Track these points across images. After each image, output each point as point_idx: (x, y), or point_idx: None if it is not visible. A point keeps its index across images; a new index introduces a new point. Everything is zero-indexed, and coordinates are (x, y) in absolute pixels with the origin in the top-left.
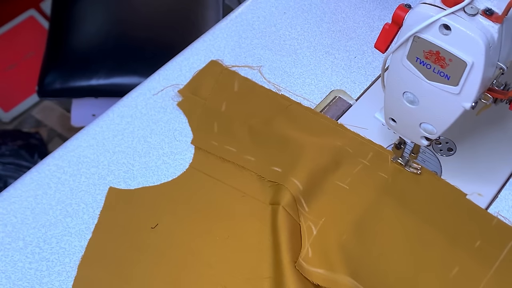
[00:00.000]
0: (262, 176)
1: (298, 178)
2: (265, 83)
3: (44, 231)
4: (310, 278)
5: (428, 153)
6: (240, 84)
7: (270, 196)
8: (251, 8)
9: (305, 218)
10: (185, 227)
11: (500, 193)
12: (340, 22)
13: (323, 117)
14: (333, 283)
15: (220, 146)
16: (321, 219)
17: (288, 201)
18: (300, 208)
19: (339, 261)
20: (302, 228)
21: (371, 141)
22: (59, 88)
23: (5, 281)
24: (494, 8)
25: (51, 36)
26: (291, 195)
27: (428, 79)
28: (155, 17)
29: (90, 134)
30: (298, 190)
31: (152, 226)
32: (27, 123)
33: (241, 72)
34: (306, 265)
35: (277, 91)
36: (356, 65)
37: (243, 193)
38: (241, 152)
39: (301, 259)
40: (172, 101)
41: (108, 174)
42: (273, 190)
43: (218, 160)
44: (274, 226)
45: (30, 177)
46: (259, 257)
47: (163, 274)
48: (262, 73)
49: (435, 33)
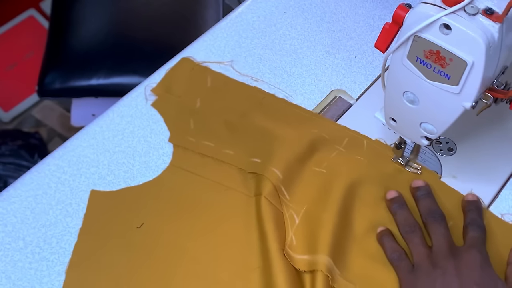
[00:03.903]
0: (242, 168)
1: (277, 167)
2: (238, 77)
3: (44, 231)
4: (296, 265)
5: (428, 153)
6: (212, 80)
7: (253, 188)
8: (251, 7)
9: (287, 207)
10: (171, 224)
11: (500, 193)
12: (340, 22)
13: (298, 107)
14: (314, 264)
15: (198, 142)
16: (302, 207)
17: (269, 191)
18: (281, 197)
19: (321, 244)
20: (285, 217)
21: (346, 127)
22: (59, 88)
23: (5, 281)
24: (494, 8)
25: (51, 36)
26: (272, 185)
27: (428, 79)
28: (155, 17)
29: (90, 134)
30: (279, 179)
31: (138, 225)
32: (27, 122)
33: (213, 67)
34: (292, 253)
35: (253, 81)
36: (356, 65)
37: (225, 187)
38: (219, 147)
39: (287, 247)
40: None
41: (108, 174)
42: (255, 181)
43: (197, 156)
44: (259, 217)
45: (30, 177)
46: (246, 248)
47: (152, 273)
48: (234, 67)
49: (436, 33)
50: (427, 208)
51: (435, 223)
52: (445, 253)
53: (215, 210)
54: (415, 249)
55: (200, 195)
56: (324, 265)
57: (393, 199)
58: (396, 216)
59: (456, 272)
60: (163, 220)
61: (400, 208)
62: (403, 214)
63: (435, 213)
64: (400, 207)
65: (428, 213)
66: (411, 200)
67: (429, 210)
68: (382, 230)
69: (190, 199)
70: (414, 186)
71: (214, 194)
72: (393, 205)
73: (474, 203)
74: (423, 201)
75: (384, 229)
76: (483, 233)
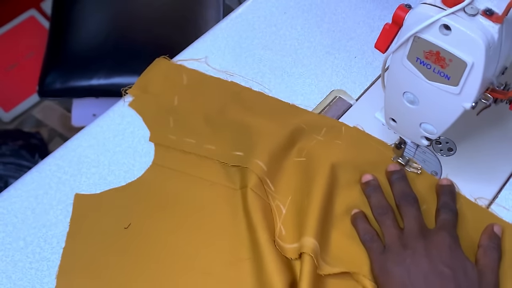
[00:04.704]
0: (225, 162)
1: (261, 159)
2: (214, 72)
3: (44, 231)
4: (287, 255)
5: (428, 153)
6: (188, 77)
7: (237, 180)
8: (251, 8)
9: (273, 198)
10: (158, 222)
11: (500, 193)
12: (340, 22)
13: (275, 100)
14: (301, 248)
15: (179, 139)
16: (287, 197)
17: (255, 183)
18: (267, 188)
19: (307, 227)
20: (272, 207)
21: (324, 116)
22: (59, 88)
23: (6, 281)
24: (494, 8)
25: (51, 36)
26: (257, 177)
27: (428, 79)
28: (155, 17)
29: (90, 134)
30: (263, 171)
31: (125, 226)
32: (28, 123)
33: (188, 65)
34: (282, 243)
35: (229, 76)
36: (357, 65)
37: (210, 182)
38: (200, 142)
39: (277, 238)
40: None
41: (109, 174)
42: (239, 174)
43: (179, 153)
44: (246, 209)
45: (31, 177)
46: (236, 240)
47: (143, 271)
48: (209, 63)
49: (435, 33)
50: (401, 191)
51: (408, 206)
52: (415, 235)
53: (201, 205)
54: (387, 230)
55: (185, 191)
56: (310, 248)
57: (367, 183)
58: (370, 199)
59: (425, 252)
60: (150, 219)
61: (374, 191)
62: (377, 197)
63: (408, 196)
64: (374, 190)
65: (401, 196)
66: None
67: (402, 193)
68: (356, 212)
69: (176, 196)
70: (389, 170)
71: (199, 190)
72: (368, 188)
73: (448, 187)
74: (397, 184)
75: (358, 211)
76: (455, 216)
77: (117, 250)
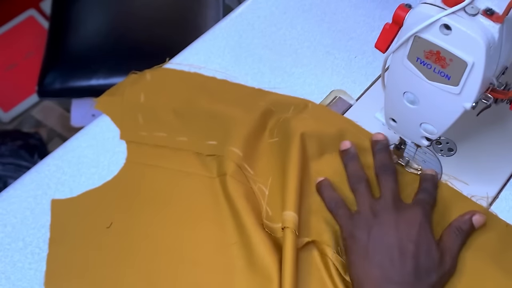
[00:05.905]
0: (200, 152)
1: (236, 146)
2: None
3: (44, 232)
4: (278, 235)
5: (429, 153)
6: (151, 74)
7: (214, 169)
8: (251, 8)
9: (254, 181)
10: (139, 218)
11: (501, 193)
12: (341, 22)
13: (240, 86)
14: (283, 222)
15: (150, 135)
16: (268, 179)
17: (233, 170)
18: (246, 173)
19: (287, 202)
20: (254, 191)
21: (290, 96)
22: (59, 88)
23: (5, 281)
24: (494, 8)
25: (51, 36)
26: (235, 164)
27: (428, 79)
28: (155, 17)
29: (90, 134)
30: (239, 157)
31: (107, 226)
32: (27, 123)
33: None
34: (270, 224)
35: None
36: (357, 65)
37: (186, 173)
38: (172, 135)
39: (265, 220)
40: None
41: (108, 174)
42: (216, 163)
43: (152, 148)
44: (227, 196)
45: (30, 177)
46: (220, 227)
47: (129, 268)
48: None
49: (436, 33)
50: (381, 162)
51: (385, 176)
52: (388, 205)
53: (180, 196)
54: (360, 197)
55: (163, 184)
56: (291, 222)
57: (345, 151)
58: (346, 168)
59: (394, 224)
60: (132, 216)
61: (351, 160)
62: (354, 166)
63: (387, 167)
64: (351, 159)
65: (381, 166)
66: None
67: (382, 164)
68: (320, 181)
69: (154, 190)
70: (374, 139)
71: (176, 181)
72: (345, 157)
73: (430, 175)
74: (378, 154)
75: (323, 179)
76: (432, 199)
77: (101, 250)
